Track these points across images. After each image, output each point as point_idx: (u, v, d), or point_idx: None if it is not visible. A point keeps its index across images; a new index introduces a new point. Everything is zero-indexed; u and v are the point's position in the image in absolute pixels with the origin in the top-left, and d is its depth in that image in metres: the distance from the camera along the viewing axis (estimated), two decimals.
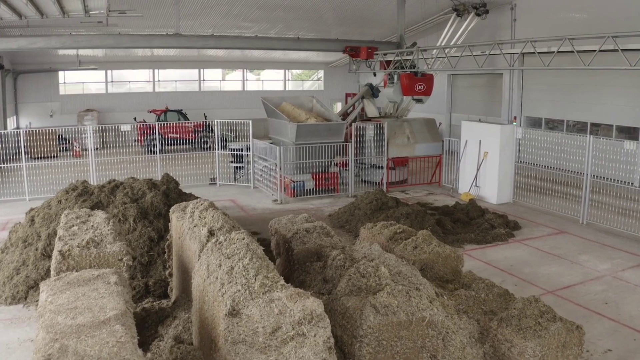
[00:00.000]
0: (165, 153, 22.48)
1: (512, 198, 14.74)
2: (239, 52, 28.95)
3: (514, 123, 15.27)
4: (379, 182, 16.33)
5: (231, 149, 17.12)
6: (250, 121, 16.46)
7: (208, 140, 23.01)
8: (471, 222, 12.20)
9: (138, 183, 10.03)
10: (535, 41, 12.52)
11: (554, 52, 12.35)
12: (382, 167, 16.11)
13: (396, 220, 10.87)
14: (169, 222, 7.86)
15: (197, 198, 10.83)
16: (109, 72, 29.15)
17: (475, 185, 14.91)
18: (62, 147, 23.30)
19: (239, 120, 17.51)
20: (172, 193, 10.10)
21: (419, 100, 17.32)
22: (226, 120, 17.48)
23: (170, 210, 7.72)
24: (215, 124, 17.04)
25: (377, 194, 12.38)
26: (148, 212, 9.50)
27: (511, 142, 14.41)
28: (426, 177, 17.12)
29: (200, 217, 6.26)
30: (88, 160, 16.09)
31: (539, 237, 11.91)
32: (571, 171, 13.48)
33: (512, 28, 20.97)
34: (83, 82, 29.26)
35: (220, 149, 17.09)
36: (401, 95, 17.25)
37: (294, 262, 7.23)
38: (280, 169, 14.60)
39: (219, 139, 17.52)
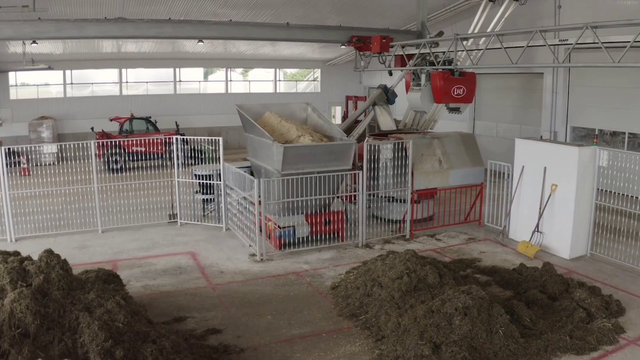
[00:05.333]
0: (124, 172, 18.34)
1: (588, 250, 10.38)
2: (221, 48, 24.50)
3: (595, 143, 10.82)
4: (399, 221, 11.90)
5: (196, 176, 12.59)
6: (221, 138, 11.88)
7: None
8: (553, 305, 7.82)
9: None
10: None
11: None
12: (403, 201, 11.66)
13: (448, 321, 6.51)
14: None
15: (111, 290, 6.45)
16: (67, 72, 24.69)
17: (537, 231, 10.55)
18: (10, 163, 18.77)
19: (206, 137, 12.91)
20: (55, 289, 5.60)
21: (456, 110, 12.70)
22: (189, 138, 12.85)
23: None
24: (175, 140, 12.37)
25: (407, 260, 7.91)
26: (3, 332, 5.08)
27: (591, 172, 10.05)
28: (459, 212, 12.67)
29: None
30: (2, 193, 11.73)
31: None
32: None
33: (555, 16, 16.83)
34: (38, 85, 24.80)
35: (179, 176, 12.55)
36: (432, 103, 12.64)
37: None
38: (261, 205, 10.14)
39: (191, 155, 13.09)
